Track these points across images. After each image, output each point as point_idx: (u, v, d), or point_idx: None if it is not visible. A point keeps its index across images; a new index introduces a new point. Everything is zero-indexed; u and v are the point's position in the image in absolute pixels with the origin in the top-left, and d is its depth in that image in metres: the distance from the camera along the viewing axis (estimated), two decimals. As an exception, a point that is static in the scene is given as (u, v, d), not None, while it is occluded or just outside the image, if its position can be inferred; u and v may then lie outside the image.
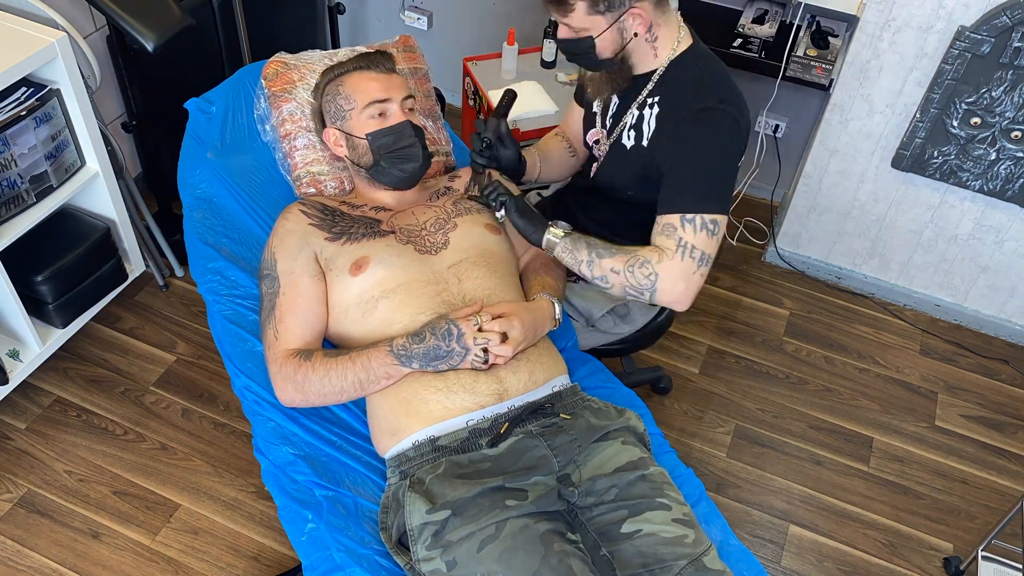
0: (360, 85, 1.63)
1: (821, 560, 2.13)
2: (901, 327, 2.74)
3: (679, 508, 1.39)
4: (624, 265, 1.53)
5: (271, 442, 1.51)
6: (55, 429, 2.21)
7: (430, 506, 1.34)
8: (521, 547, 1.28)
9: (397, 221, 1.63)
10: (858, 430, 2.43)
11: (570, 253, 1.58)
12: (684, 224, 1.50)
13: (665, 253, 1.51)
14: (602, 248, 1.56)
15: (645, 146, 1.63)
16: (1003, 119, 2.25)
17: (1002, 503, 2.28)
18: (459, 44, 3.18)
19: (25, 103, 1.93)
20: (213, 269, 1.68)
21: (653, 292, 1.52)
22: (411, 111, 1.66)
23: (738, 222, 2.99)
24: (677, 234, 1.51)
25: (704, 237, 1.50)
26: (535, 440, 1.43)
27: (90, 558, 1.97)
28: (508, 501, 1.33)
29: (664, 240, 1.52)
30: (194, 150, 1.81)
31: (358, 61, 1.66)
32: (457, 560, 1.30)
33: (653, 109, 1.62)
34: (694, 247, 1.50)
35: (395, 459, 1.46)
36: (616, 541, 1.35)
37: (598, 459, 1.44)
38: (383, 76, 1.64)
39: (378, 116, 1.62)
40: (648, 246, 1.55)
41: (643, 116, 1.64)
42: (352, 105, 1.63)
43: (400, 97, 1.63)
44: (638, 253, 1.53)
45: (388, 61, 1.67)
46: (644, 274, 1.52)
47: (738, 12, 2.61)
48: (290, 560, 2.00)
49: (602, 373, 1.77)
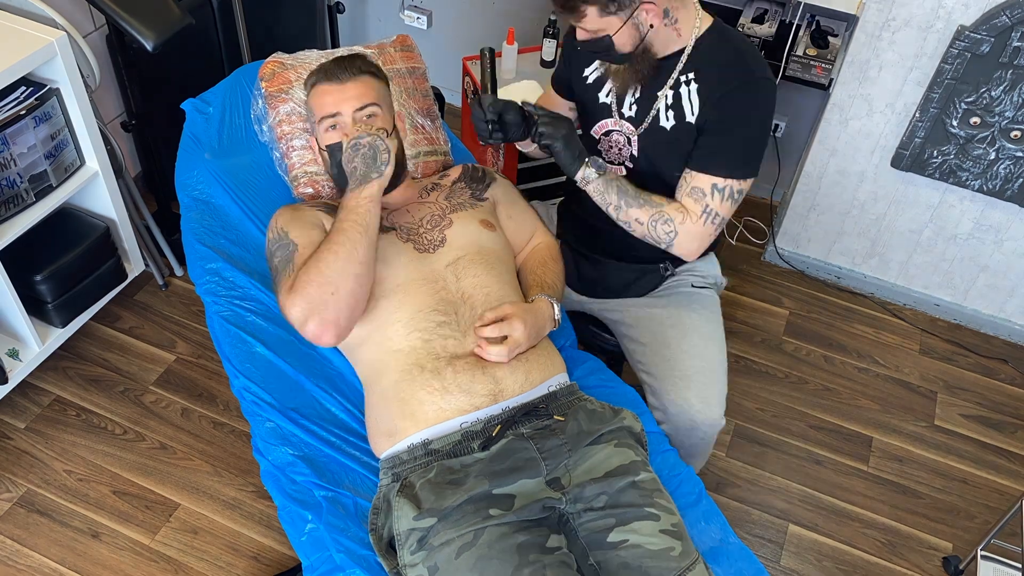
0: (316, 99, 1.62)
1: (820, 559, 2.13)
2: (901, 327, 2.74)
3: (668, 518, 1.37)
4: (648, 218, 1.64)
5: (270, 443, 1.51)
6: (54, 428, 2.21)
7: (417, 512, 1.34)
8: (496, 556, 1.28)
9: (396, 219, 1.63)
10: (857, 429, 2.43)
11: (601, 195, 1.65)
12: (714, 192, 1.60)
13: (690, 216, 1.62)
14: (631, 197, 1.64)
15: (692, 123, 1.63)
16: (1003, 119, 2.25)
17: (1001, 502, 2.29)
18: (459, 43, 3.17)
19: (24, 102, 1.93)
20: (211, 270, 1.68)
21: (670, 245, 1.66)
22: (371, 118, 1.59)
23: (738, 222, 2.99)
24: (705, 200, 1.61)
25: (728, 205, 1.62)
26: (525, 443, 1.42)
27: (90, 557, 1.97)
28: (492, 510, 1.33)
29: (691, 203, 1.62)
30: (191, 151, 1.80)
31: (315, 74, 1.64)
32: (438, 566, 1.30)
33: (690, 86, 1.62)
34: (717, 214, 1.62)
35: (389, 460, 1.46)
36: (603, 550, 1.35)
37: (589, 463, 1.43)
38: (335, 88, 1.60)
39: (332, 130, 1.60)
40: (674, 203, 1.64)
41: (680, 95, 1.64)
42: (314, 118, 1.63)
43: (352, 108, 1.58)
44: (664, 210, 1.63)
45: (345, 70, 1.61)
46: (665, 231, 1.64)
47: (738, 11, 2.61)
48: (290, 560, 2.00)
49: (601, 372, 1.77)
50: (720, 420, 1.71)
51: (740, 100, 1.58)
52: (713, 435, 1.73)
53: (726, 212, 1.62)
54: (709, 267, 1.89)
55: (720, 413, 1.71)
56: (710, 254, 1.90)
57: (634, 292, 1.87)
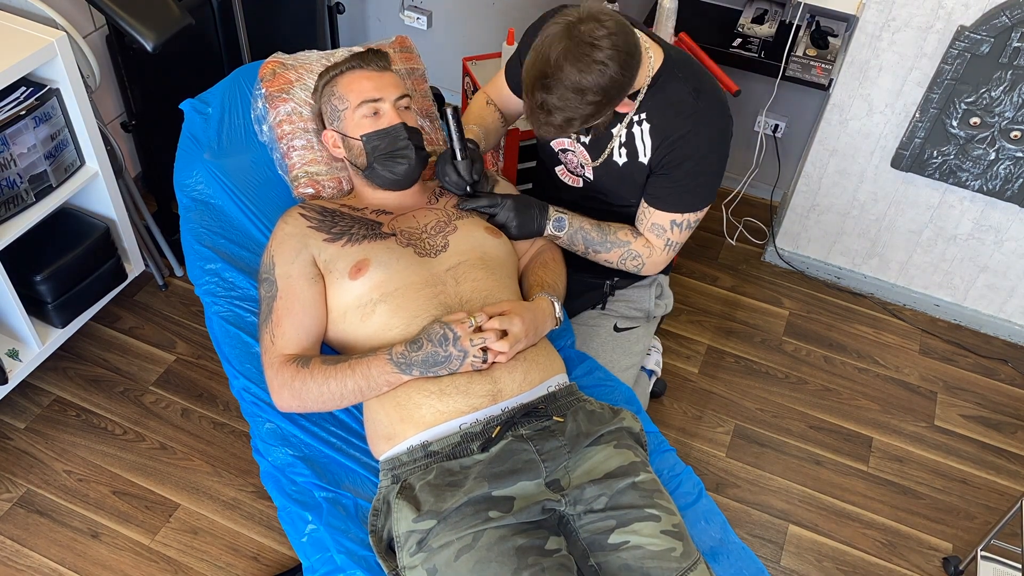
0: (353, 84, 1.63)
1: (820, 560, 2.13)
2: (900, 327, 2.74)
3: (668, 519, 1.37)
4: (617, 259, 1.77)
5: (270, 443, 1.51)
6: (54, 429, 2.21)
7: (417, 514, 1.34)
8: (495, 559, 1.28)
9: (399, 224, 1.63)
10: (857, 430, 2.43)
11: (568, 246, 1.76)
12: (674, 227, 1.72)
13: (654, 249, 1.76)
14: (598, 243, 1.75)
15: (645, 163, 1.68)
16: (1002, 119, 2.25)
17: (1001, 503, 2.29)
18: (459, 44, 3.17)
19: (24, 103, 1.93)
20: (211, 271, 1.68)
21: (639, 272, 1.81)
22: (407, 110, 1.65)
23: (738, 222, 3.00)
24: (666, 235, 1.73)
25: (687, 234, 1.75)
26: (524, 444, 1.42)
27: (89, 558, 1.97)
28: (491, 512, 1.33)
29: (654, 238, 1.75)
30: (190, 151, 1.80)
31: (351, 60, 1.65)
32: (437, 568, 1.30)
33: (643, 126, 1.65)
34: (677, 243, 1.76)
35: (388, 462, 1.46)
36: (604, 551, 1.34)
37: (588, 464, 1.43)
38: (375, 74, 1.63)
39: (372, 116, 1.61)
40: (639, 238, 1.76)
41: (632, 135, 1.67)
42: (346, 105, 1.63)
43: (393, 96, 1.62)
44: (631, 248, 1.75)
45: (382, 59, 1.66)
46: (634, 265, 1.78)
47: (738, 12, 2.61)
48: (289, 560, 2.00)
49: (600, 371, 1.77)
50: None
51: (694, 142, 1.62)
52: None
53: (684, 239, 1.76)
54: (642, 298, 1.94)
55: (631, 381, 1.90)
56: (657, 277, 1.97)
57: (578, 306, 1.93)
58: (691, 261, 2.86)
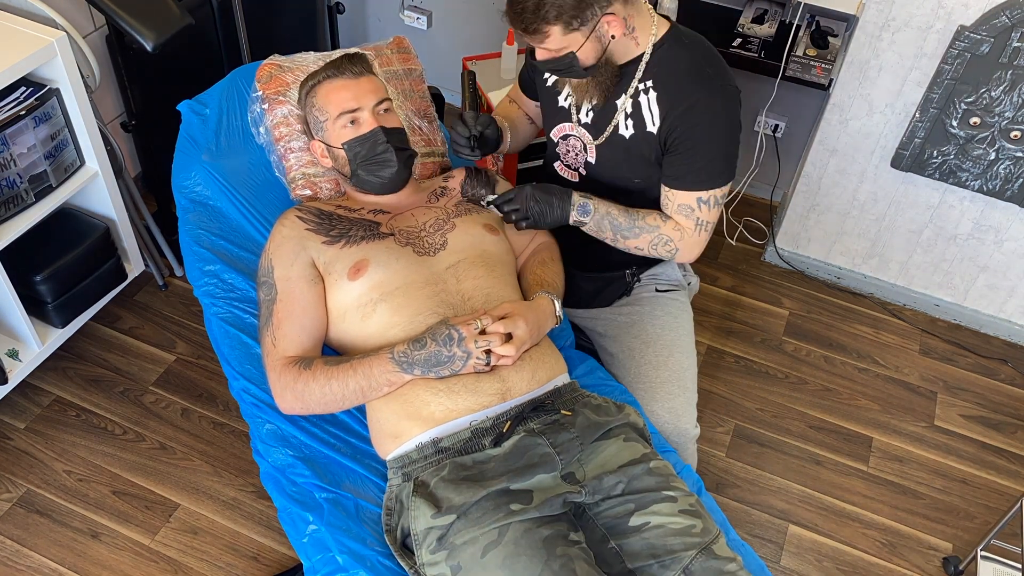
0: (331, 95, 1.62)
1: (820, 560, 2.13)
2: (900, 327, 2.74)
3: (685, 499, 1.40)
4: (648, 244, 1.69)
5: (270, 444, 1.51)
6: (54, 429, 2.21)
7: (435, 510, 1.34)
8: (524, 552, 1.27)
9: (396, 223, 1.63)
10: (857, 430, 2.43)
11: (595, 232, 1.69)
12: (701, 205, 1.65)
13: (685, 231, 1.68)
14: (625, 229, 1.67)
15: (653, 132, 1.64)
16: (1002, 119, 2.25)
17: (1001, 503, 2.29)
18: (459, 44, 3.17)
19: (24, 103, 1.93)
20: (209, 272, 1.67)
21: (671, 258, 1.73)
22: (387, 112, 1.64)
23: (738, 222, 3.00)
24: (695, 215, 1.66)
25: (716, 211, 1.67)
26: (538, 438, 1.43)
27: (89, 558, 1.97)
28: (512, 505, 1.33)
29: (683, 219, 1.67)
30: (188, 152, 1.80)
31: (327, 70, 1.64)
32: (462, 565, 1.30)
33: (649, 94, 1.63)
34: (708, 222, 1.68)
35: (397, 460, 1.45)
36: (624, 534, 1.36)
37: (601, 457, 1.44)
38: (351, 82, 1.62)
39: (351, 125, 1.61)
40: (668, 221, 1.68)
41: (639, 104, 1.64)
42: (326, 117, 1.63)
43: (371, 103, 1.61)
44: (660, 231, 1.68)
45: (357, 64, 1.64)
46: (667, 250, 1.70)
47: (738, 12, 2.61)
48: (289, 560, 2.00)
49: (600, 371, 1.77)
50: (691, 430, 1.72)
51: (705, 113, 1.58)
52: (687, 444, 1.73)
53: (714, 217, 1.68)
54: (669, 271, 1.91)
55: (691, 422, 1.71)
56: None
57: (603, 301, 1.88)
58: (691, 261, 2.87)
